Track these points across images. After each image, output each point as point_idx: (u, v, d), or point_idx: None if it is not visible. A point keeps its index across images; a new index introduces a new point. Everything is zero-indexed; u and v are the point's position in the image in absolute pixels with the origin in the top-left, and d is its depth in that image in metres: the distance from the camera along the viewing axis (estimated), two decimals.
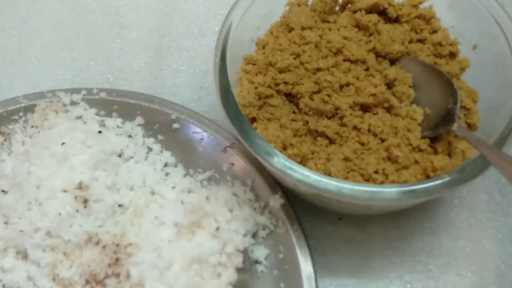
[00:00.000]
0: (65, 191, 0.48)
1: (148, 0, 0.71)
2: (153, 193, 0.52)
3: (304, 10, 0.52)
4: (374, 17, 0.51)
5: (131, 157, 0.54)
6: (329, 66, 0.48)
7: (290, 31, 0.52)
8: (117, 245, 0.47)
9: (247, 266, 0.49)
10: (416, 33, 0.52)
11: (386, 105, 0.47)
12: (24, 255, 0.48)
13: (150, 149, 0.56)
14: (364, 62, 0.49)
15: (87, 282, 0.45)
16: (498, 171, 0.40)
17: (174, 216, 0.49)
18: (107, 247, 0.47)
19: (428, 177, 0.44)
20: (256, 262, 0.49)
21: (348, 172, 0.45)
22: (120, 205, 0.50)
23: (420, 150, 0.45)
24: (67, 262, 0.46)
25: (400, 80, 0.48)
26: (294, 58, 0.49)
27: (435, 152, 0.46)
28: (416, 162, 0.45)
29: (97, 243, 0.47)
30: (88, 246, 0.47)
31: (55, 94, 0.57)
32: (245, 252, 0.49)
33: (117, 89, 0.59)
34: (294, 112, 0.49)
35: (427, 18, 0.52)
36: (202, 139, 0.55)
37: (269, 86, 0.48)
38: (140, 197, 0.51)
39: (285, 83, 0.48)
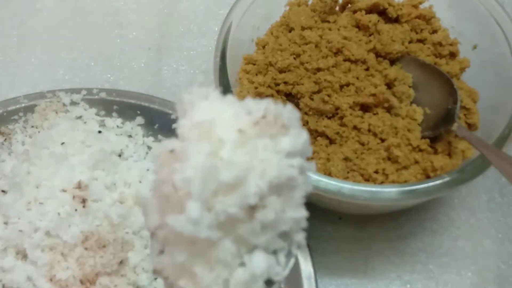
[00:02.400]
0: (64, 190, 0.48)
1: (148, 0, 0.71)
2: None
3: (304, 10, 0.52)
4: (374, 17, 0.50)
5: (131, 157, 0.54)
6: (329, 66, 0.48)
7: (290, 31, 0.52)
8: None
9: None
10: (416, 33, 0.52)
11: (386, 105, 0.47)
12: (23, 255, 0.48)
13: (150, 149, 0.56)
14: (364, 62, 0.49)
15: (82, 282, 0.45)
16: (498, 171, 0.40)
17: None
18: (105, 245, 0.47)
19: (428, 177, 0.44)
20: None
21: (348, 172, 0.45)
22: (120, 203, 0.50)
23: (420, 150, 0.45)
24: (64, 263, 0.46)
25: (400, 80, 0.48)
26: (294, 58, 0.49)
27: (435, 152, 0.46)
28: (416, 162, 0.45)
29: (93, 243, 0.47)
30: (83, 246, 0.47)
31: (55, 94, 0.57)
32: None
33: (117, 89, 0.59)
34: None
35: (427, 18, 0.52)
36: None
37: (269, 86, 0.48)
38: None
39: (285, 83, 0.48)
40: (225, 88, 0.47)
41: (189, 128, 0.27)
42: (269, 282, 0.28)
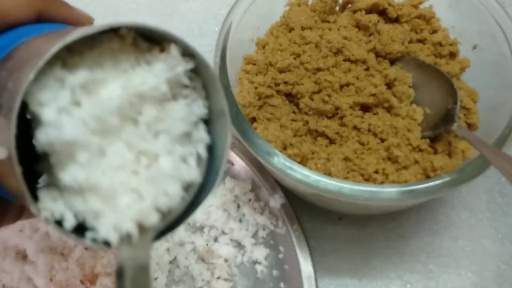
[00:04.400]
0: None
1: (148, 0, 0.71)
2: None
3: (304, 10, 0.52)
4: (374, 17, 0.50)
5: None
6: (329, 66, 0.48)
7: (290, 31, 0.52)
8: None
9: None
10: (416, 33, 0.52)
11: (386, 105, 0.47)
12: (23, 255, 0.48)
13: None
14: (364, 62, 0.49)
15: (82, 283, 0.45)
16: (498, 171, 0.40)
17: None
18: None
19: (428, 177, 0.44)
20: (256, 262, 0.49)
21: (348, 172, 0.45)
22: None
23: (420, 150, 0.45)
24: (64, 263, 0.46)
25: (400, 80, 0.48)
26: (294, 58, 0.49)
27: (435, 152, 0.46)
28: (416, 162, 0.45)
29: None
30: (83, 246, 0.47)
31: None
32: None
33: None
34: (294, 112, 0.49)
35: (427, 18, 0.52)
36: None
37: (269, 86, 0.48)
38: None
39: (285, 83, 0.48)
40: (225, 88, 0.47)
41: None
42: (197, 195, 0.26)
